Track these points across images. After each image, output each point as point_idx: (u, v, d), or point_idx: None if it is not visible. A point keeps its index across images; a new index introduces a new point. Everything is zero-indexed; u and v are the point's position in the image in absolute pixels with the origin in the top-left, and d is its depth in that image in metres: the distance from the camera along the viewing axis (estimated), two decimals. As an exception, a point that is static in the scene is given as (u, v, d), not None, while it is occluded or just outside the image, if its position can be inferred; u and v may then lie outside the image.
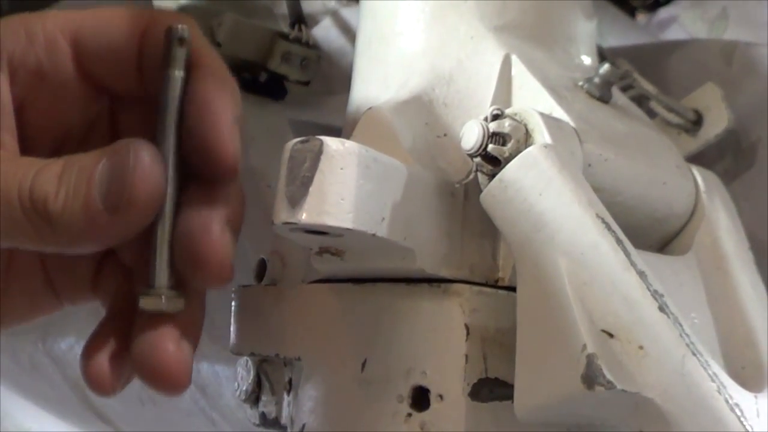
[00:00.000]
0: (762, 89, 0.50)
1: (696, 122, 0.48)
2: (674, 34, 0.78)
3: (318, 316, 0.36)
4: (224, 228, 0.32)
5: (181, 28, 0.33)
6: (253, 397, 0.40)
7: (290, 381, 0.38)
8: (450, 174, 0.35)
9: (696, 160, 0.46)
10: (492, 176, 0.32)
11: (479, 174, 0.33)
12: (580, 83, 0.39)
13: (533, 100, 0.36)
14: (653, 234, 0.39)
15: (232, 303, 0.41)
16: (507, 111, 0.34)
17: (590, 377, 0.28)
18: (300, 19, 0.58)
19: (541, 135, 0.33)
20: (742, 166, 0.49)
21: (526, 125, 0.33)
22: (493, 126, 0.33)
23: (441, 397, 0.32)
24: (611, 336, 0.29)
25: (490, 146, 0.33)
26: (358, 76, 0.42)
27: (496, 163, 0.33)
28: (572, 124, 0.35)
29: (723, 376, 0.30)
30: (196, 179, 0.33)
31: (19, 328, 0.37)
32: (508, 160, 0.32)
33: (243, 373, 0.40)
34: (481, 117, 0.33)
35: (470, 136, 0.33)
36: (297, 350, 0.37)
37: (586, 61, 0.42)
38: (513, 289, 0.32)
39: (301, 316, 0.37)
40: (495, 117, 0.33)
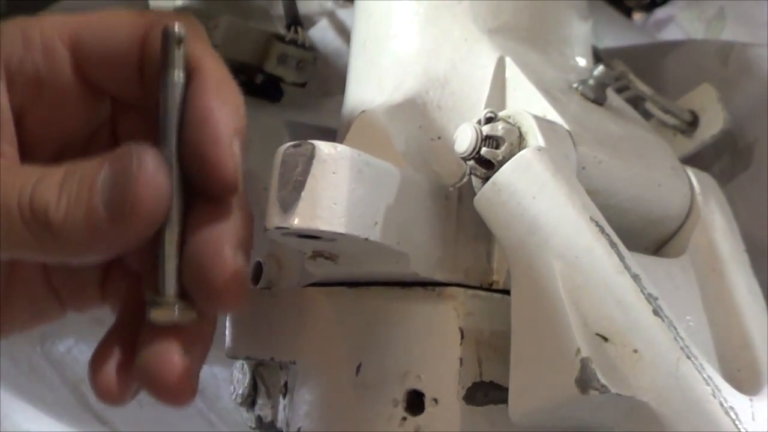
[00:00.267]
0: (758, 90, 0.50)
1: (692, 123, 0.48)
2: (671, 34, 0.78)
3: (313, 319, 0.36)
4: (237, 251, 0.31)
5: (178, 27, 0.32)
6: (249, 401, 0.40)
7: (286, 384, 0.38)
8: (444, 177, 0.35)
9: (692, 161, 0.46)
10: (486, 179, 0.32)
11: (473, 177, 0.33)
12: (575, 85, 0.39)
13: (527, 103, 0.36)
14: (648, 236, 0.39)
15: (228, 306, 0.41)
16: (500, 114, 0.34)
17: (584, 381, 0.28)
18: (296, 20, 0.58)
19: (535, 138, 0.33)
20: (738, 168, 0.49)
21: (519, 128, 0.33)
22: (486, 129, 0.33)
23: (436, 400, 0.32)
24: (605, 340, 0.29)
25: (484, 149, 0.33)
26: (353, 78, 0.42)
27: (489, 167, 0.33)
28: (566, 127, 0.35)
29: (718, 380, 0.30)
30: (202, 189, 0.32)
31: (17, 330, 0.37)
32: (501, 163, 0.32)
33: (239, 377, 0.40)
34: (475, 120, 0.33)
35: (464, 139, 0.33)
36: (292, 354, 0.37)
37: (581, 62, 0.42)
38: (507, 293, 0.32)
39: (297, 319, 0.37)
40: (488, 120, 0.33)
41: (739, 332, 0.37)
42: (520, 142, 0.33)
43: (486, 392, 0.33)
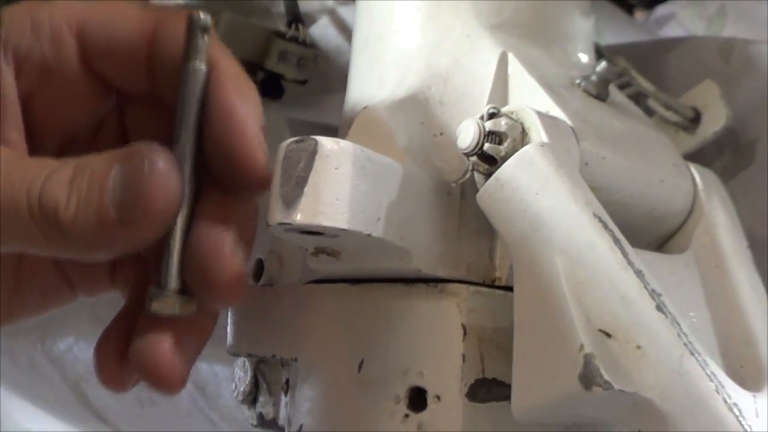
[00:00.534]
0: (760, 86, 0.50)
1: (694, 120, 0.48)
2: (672, 31, 0.78)
3: (315, 316, 0.36)
4: (236, 247, 0.31)
5: (204, 17, 0.31)
6: (251, 398, 0.40)
7: (287, 381, 0.38)
8: (446, 173, 0.35)
9: (694, 157, 0.46)
10: (488, 175, 0.32)
11: (475, 173, 0.33)
12: (578, 81, 0.39)
13: (530, 99, 0.36)
14: (651, 232, 0.39)
15: (229, 303, 0.41)
16: (503, 109, 0.34)
17: (588, 377, 0.28)
18: (297, 17, 0.58)
19: (538, 134, 0.33)
20: (741, 164, 0.49)
21: (522, 124, 0.33)
22: (489, 125, 0.33)
23: (438, 397, 0.32)
24: (609, 336, 0.29)
25: (487, 145, 0.32)
26: (355, 74, 0.42)
27: (492, 162, 0.33)
28: (569, 123, 0.35)
29: (721, 376, 0.30)
30: (213, 183, 0.32)
31: (17, 328, 0.37)
32: (504, 159, 0.32)
33: (240, 374, 0.40)
34: (477, 116, 0.33)
35: (466, 135, 0.33)
36: (294, 351, 0.37)
37: (584, 58, 0.42)
38: (510, 289, 0.32)
39: (298, 316, 0.37)
40: (491, 116, 0.33)
41: (742, 329, 0.37)
42: (523, 138, 0.33)
43: (489, 389, 0.32)
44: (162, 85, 0.33)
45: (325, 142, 0.30)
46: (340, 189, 0.30)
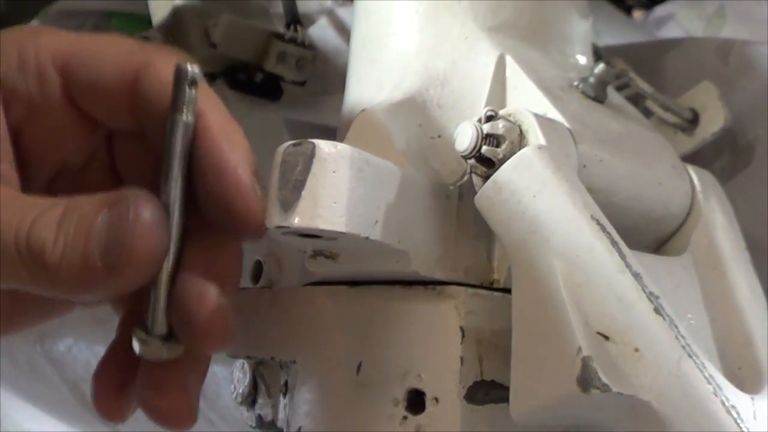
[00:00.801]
0: (759, 87, 0.50)
1: (692, 121, 0.48)
2: (671, 32, 0.78)
3: (313, 318, 0.36)
4: (221, 293, 0.31)
5: (192, 69, 0.31)
6: (250, 400, 0.40)
7: (286, 383, 0.38)
8: (444, 176, 0.35)
9: (692, 159, 0.46)
10: (486, 178, 0.32)
11: (473, 176, 0.33)
12: (575, 83, 0.39)
13: (528, 101, 0.36)
14: (649, 234, 0.39)
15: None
16: (501, 112, 0.34)
17: (586, 380, 0.28)
18: (296, 19, 0.58)
19: (536, 136, 0.33)
20: (739, 165, 0.49)
21: (520, 126, 0.33)
22: (487, 127, 0.33)
23: (436, 400, 0.32)
24: (607, 338, 0.29)
25: (484, 148, 0.32)
26: (353, 76, 0.42)
27: (490, 165, 0.33)
28: (567, 125, 0.35)
29: (719, 378, 0.30)
30: (202, 224, 0.32)
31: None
32: (502, 161, 0.32)
33: (239, 376, 0.40)
34: (475, 118, 0.33)
35: (464, 137, 0.33)
36: (292, 353, 0.37)
37: (582, 60, 0.42)
38: (508, 291, 0.32)
39: (297, 318, 0.37)
40: (489, 118, 0.33)
41: (740, 331, 0.37)
42: (521, 141, 0.33)
43: (487, 391, 0.32)
44: (147, 124, 0.33)
45: (323, 146, 0.30)
46: (337, 192, 0.30)
